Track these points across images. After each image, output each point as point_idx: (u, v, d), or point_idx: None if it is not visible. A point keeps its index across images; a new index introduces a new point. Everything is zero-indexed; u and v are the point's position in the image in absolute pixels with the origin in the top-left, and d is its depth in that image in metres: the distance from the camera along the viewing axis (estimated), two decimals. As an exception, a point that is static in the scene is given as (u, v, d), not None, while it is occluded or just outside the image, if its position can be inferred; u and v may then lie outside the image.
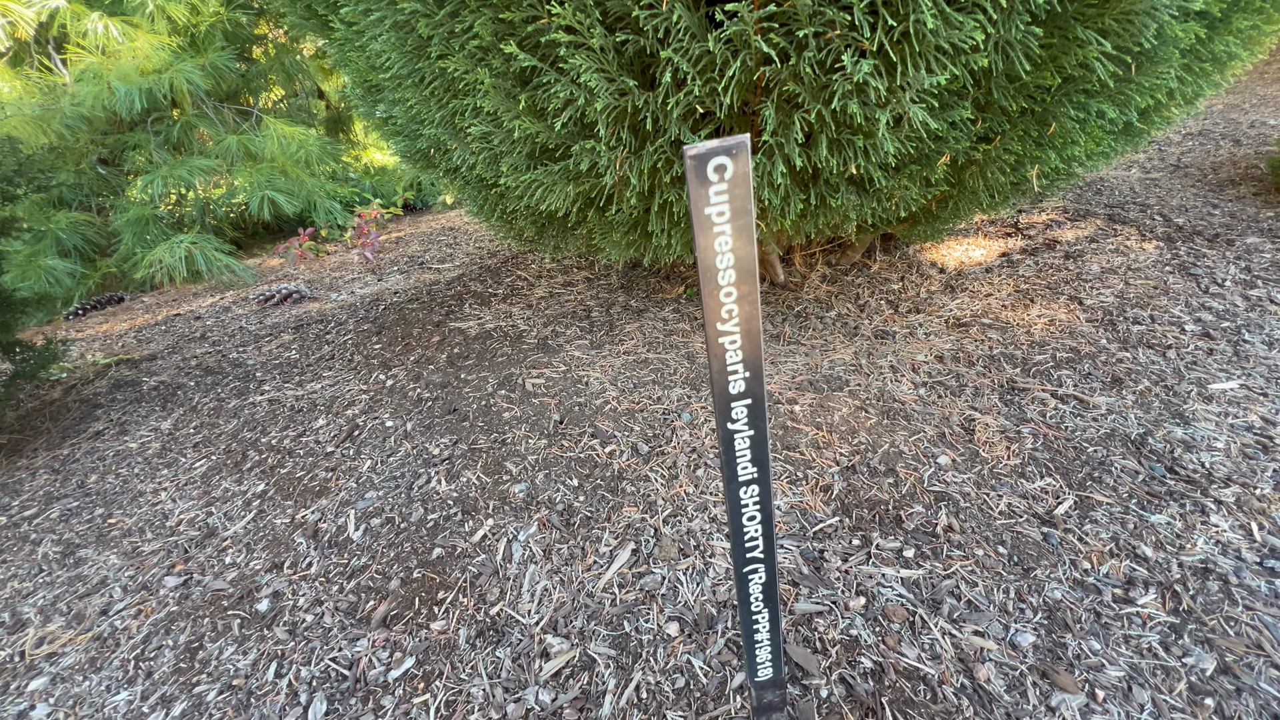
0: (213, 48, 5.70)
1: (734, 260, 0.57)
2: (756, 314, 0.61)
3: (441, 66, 1.39)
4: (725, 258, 0.57)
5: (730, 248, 0.57)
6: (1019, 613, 1.21)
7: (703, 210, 0.55)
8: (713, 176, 0.53)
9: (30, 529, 2.01)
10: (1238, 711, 1.04)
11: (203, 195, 5.51)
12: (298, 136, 5.56)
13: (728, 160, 0.53)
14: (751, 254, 0.57)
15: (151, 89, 5.11)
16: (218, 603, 1.53)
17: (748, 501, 0.73)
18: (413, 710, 1.20)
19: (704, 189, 0.54)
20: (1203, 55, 1.40)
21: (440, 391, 2.16)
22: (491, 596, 1.39)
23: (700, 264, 0.58)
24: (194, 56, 5.54)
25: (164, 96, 5.21)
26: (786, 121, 1.24)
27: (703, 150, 0.52)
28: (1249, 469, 1.50)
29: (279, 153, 5.50)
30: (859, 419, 1.73)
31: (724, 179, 0.53)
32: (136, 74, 5.17)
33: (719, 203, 0.54)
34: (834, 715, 1.06)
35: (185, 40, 5.73)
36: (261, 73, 6.73)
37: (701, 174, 0.53)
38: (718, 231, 0.56)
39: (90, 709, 1.34)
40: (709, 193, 0.54)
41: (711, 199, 0.54)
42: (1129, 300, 2.30)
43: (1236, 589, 1.23)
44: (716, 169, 0.53)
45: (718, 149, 0.52)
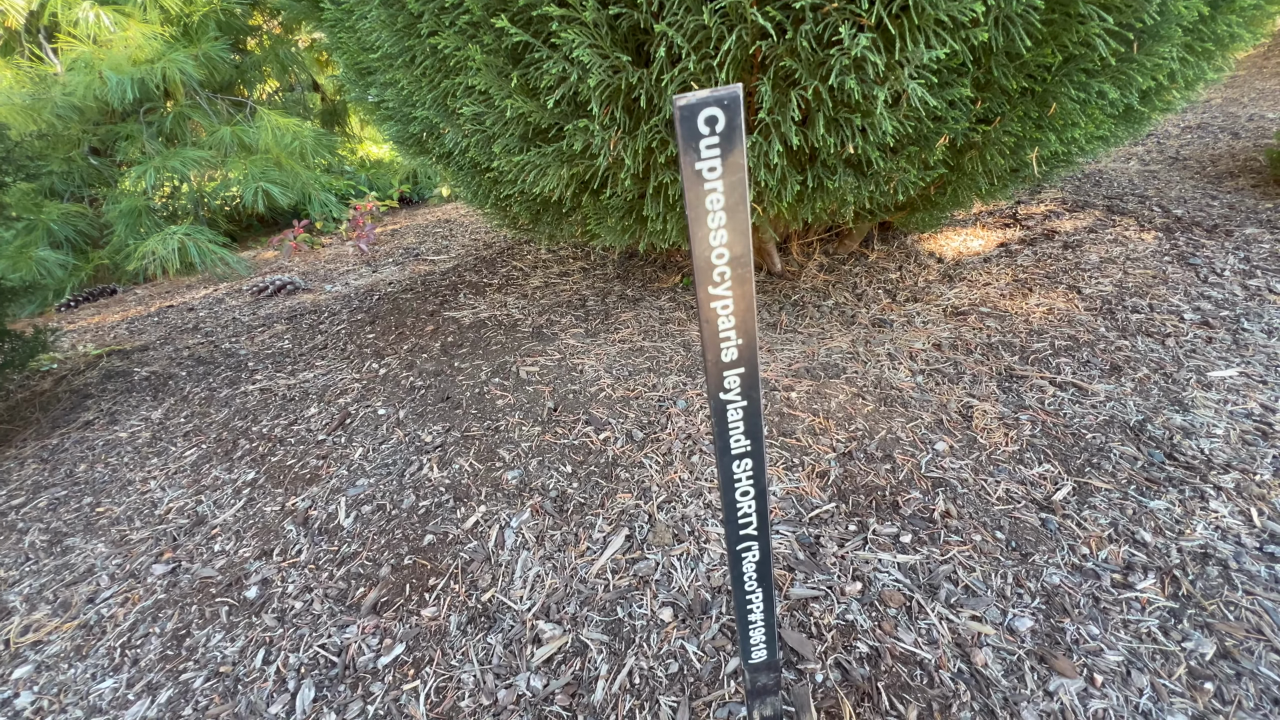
0: (206, 38, 5.64)
1: (726, 220, 0.55)
2: (749, 278, 0.59)
3: (432, 44, 1.37)
4: (717, 217, 0.55)
5: (722, 206, 0.54)
6: (1017, 598, 1.19)
7: (693, 166, 0.52)
8: (704, 129, 0.51)
9: (17, 518, 1.99)
10: (1237, 695, 1.02)
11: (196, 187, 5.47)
12: (292, 128, 5.51)
13: (719, 112, 0.50)
14: (745, 214, 0.55)
15: (144, 79, 5.06)
16: (206, 590, 1.51)
17: (741, 476, 0.71)
18: (402, 697, 1.18)
19: (695, 143, 0.51)
20: (1205, 35, 1.38)
21: (433, 380, 2.14)
22: (483, 583, 1.37)
23: (690, 225, 0.56)
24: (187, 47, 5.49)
25: (156, 87, 5.16)
26: (783, 99, 1.21)
27: (693, 100, 0.50)
28: (1248, 455, 1.49)
29: (273, 144, 5.45)
30: (856, 406, 1.72)
31: (715, 131, 0.51)
32: (129, 64, 5.12)
33: (710, 158, 0.52)
34: (829, 700, 1.04)
35: (178, 30, 5.68)
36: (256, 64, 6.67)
37: (691, 127, 0.51)
38: (709, 189, 0.54)
39: (75, 696, 1.32)
40: (700, 146, 0.52)
41: (702, 153, 0.52)
42: (1128, 289, 2.29)
43: (1236, 574, 1.21)
44: (707, 121, 0.51)
45: (709, 99, 0.50)
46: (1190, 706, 1.01)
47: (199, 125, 5.57)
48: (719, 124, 0.51)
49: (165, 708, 1.25)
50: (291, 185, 5.45)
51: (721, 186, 0.53)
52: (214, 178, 6.14)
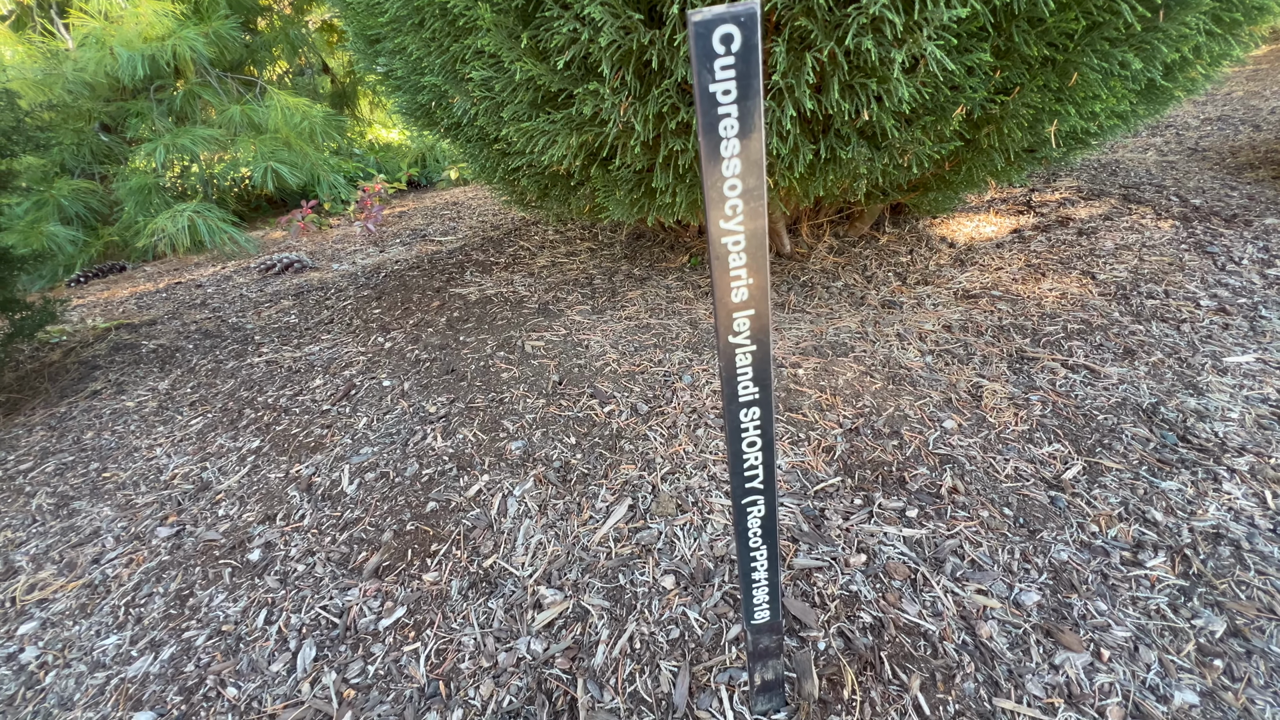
0: (217, 16, 5.63)
1: (740, 149, 0.54)
2: (762, 212, 0.57)
3: (442, 4, 1.35)
4: (730, 145, 0.53)
5: (736, 133, 0.53)
6: (1024, 573, 1.18)
7: (707, 88, 0.51)
8: (719, 48, 0.49)
9: (25, 482, 2.00)
10: (1247, 673, 1.01)
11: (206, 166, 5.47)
12: (302, 108, 5.50)
13: (735, 30, 0.49)
14: (760, 142, 0.53)
15: (154, 56, 5.06)
16: (209, 553, 1.52)
17: (748, 425, 0.70)
18: (403, 658, 1.18)
19: (709, 63, 0.50)
20: (1234, 4, 1.35)
21: (438, 353, 2.13)
22: (485, 549, 1.37)
23: (702, 154, 0.54)
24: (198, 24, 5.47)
25: (167, 64, 5.16)
26: (798, 62, 1.19)
27: (709, 16, 0.48)
28: (1264, 439, 1.46)
29: (283, 124, 5.44)
30: (863, 383, 1.70)
31: (731, 51, 0.49)
32: (139, 40, 5.11)
33: (724, 79, 0.50)
34: (831, 667, 1.04)
35: (189, 8, 5.66)
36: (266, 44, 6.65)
37: (706, 45, 0.49)
38: (723, 113, 0.52)
39: (79, 652, 1.33)
40: (715, 66, 0.50)
41: (717, 74, 0.50)
42: (1143, 276, 2.25)
43: (1249, 554, 1.19)
44: (723, 39, 0.49)
45: (725, 15, 0.48)
46: (1198, 683, 1.00)
47: (208, 104, 5.57)
48: (735, 43, 0.49)
49: (168, 664, 1.25)
50: (300, 166, 5.44)
51: (735, 111, 0.52)
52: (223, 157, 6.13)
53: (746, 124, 0.52)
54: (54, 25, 5.24)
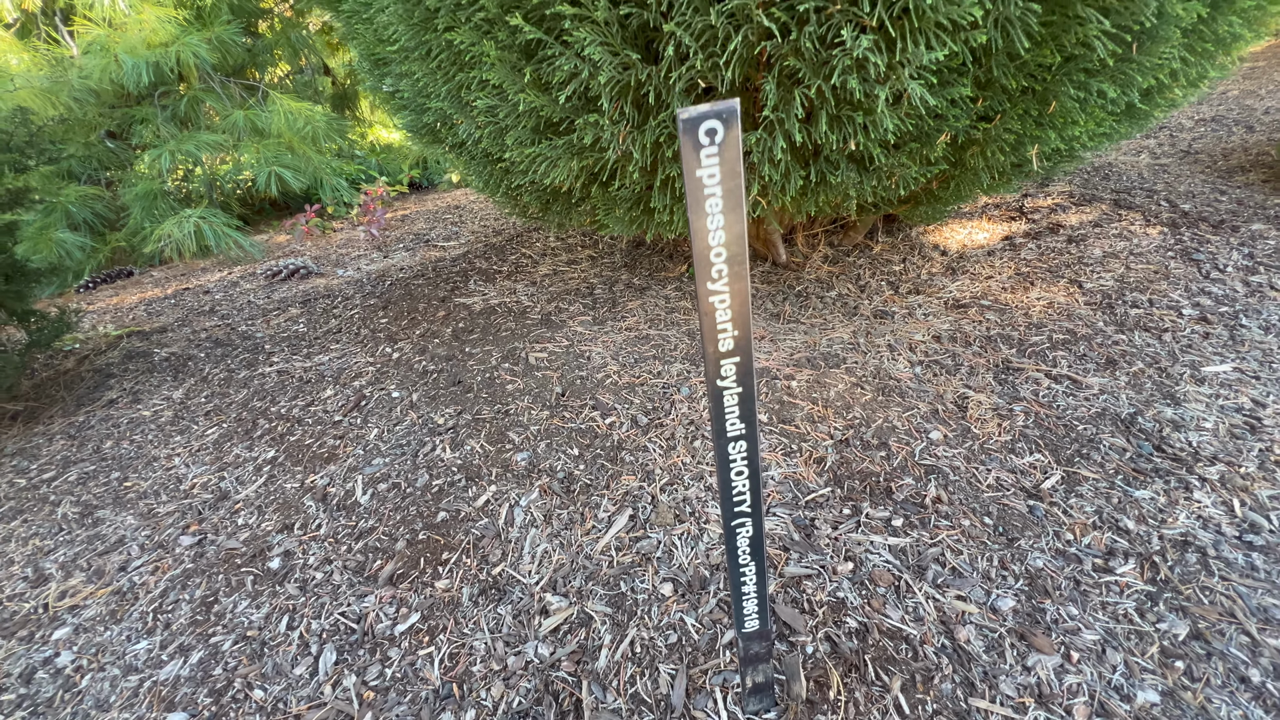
0: (219, 21, 5.68)
1: (724, 222, 0.60)
2: (745, 275, 0.64)
3: (448, 39, 1.41)
4: (715, 219, 0.60)
5: (720, 210, 0.60)
6: (1001, 579, 1.25)
7: (694, 173, 0.58)
8: (704, 140, 0.56)
9: (49, 490, 2.08)
10: (1206, 674, 1.08)
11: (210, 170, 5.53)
12: (304, 112, 5.56)
13: (719, 125, 0.55)
14: (741, 217, 0.60)
15: (158, 63, 5.11)
16: (231, 561, 1.59)
17: (736, 457, 0.77)
18: (418, 661, 1.26)
19: (696, 152, 0.57)
20: (1205, 35, 1.40)
21: (445, 364, 2.21)
22: (494, 558, 1.44)
23: (692, 226, 0.61)
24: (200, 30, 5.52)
25: (171, 70, 5.21)
26: (787, 97, 1.25)
27: (694, 114, 0.55)
28: (1235, 448, 1.53)
29: (286, 129, 5.50)
30: (854, 395, 1.77)
31: (715, 143, 0.56)
32: (143, 47, 5.16)
33: (710, 165, 0.57)
34: (818, 670, 1.11)
35: (191, 14, 5.71)
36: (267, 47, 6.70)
37: (694, 138, 0.56)
38: (709, 193, 0.59)
39: (112, 656, 1.41)
40: (701, 155, 0.57)
41: (703, 162, 0.57)
42: (1129, 284, 2.31)
43: (1214, 561, 1.26)
44: (708, 133, 0.56)
45: (709, 113, 0.55)
46: (1160, 683, 1.07)
47: (212, 109, 5.62)
48: (718, 135, 0.56)
49: (197, 667, 1.33)
50: (304, 170, 5.51)
51: (720, 192, 0.59)
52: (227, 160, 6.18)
53: (730, 202, 0.59)
54: (59, 33, 5.29)
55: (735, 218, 0.60)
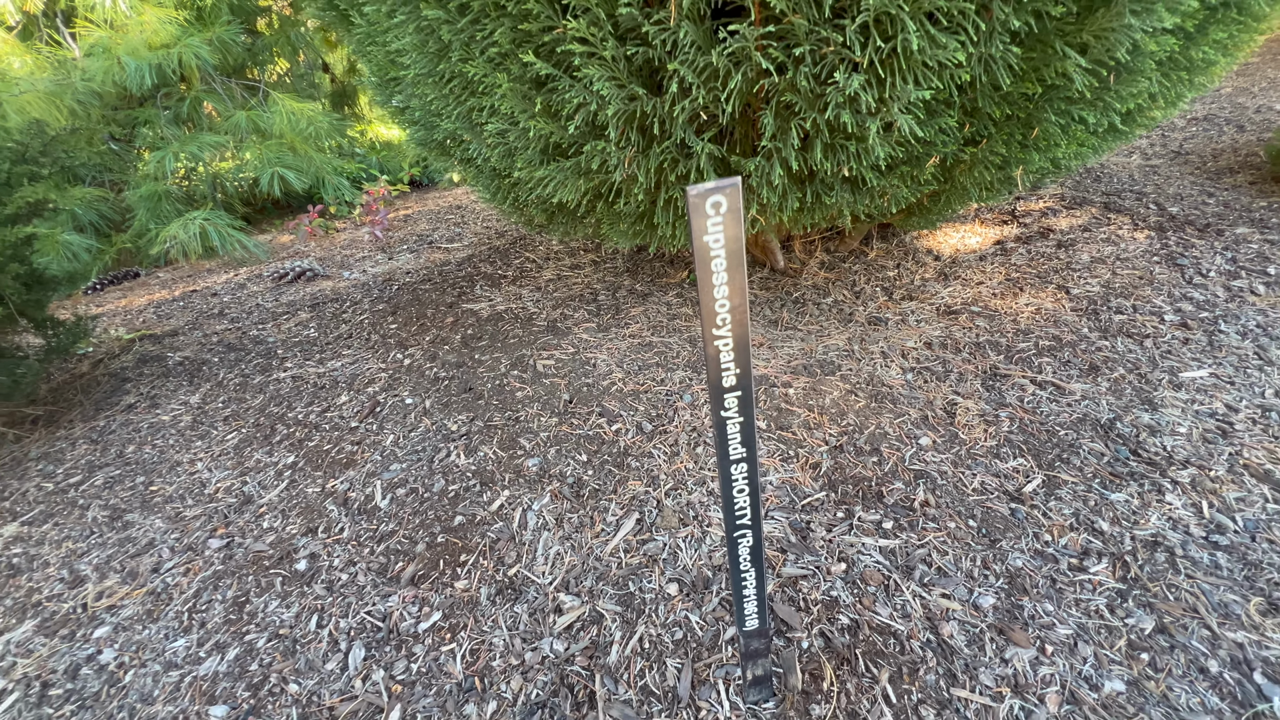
0: (219, 22, 5.71)
1: (727, 279, 0.69)
2: (745, 322, 0.72)
3: (462, 70, 1.48)
4: (719, 276, 0.69)
5: (724, 268, 0.68)
6: (983, 578, 1.35)
7: (702, 237, 0.66)
8: (710, 211, 0.64)
9: (77, 494, 2.17)
10: (1169, 665, 1.18)
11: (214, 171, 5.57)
12: (306, 113, 5.60)
13: (722, 198, 0.64)
14: (742, 275, 0.69)
15: (161, 65, 5.14)
16: (259, 563, 1.69)
17: (737, 477, 0.86)
18: (441, 657, 1.36)
19: (703, 220, 0.65)
20: (1180, 64, 1.48)
21: (456, 371, 2.29)
22: (509, 559, 1.54)
23: (699, 279, 0.69)
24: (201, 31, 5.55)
25: (173, 72, 5.25)
26: (784, 127, 1.33)
27: (702, 190, 0.63)
28: (1207, 452, 1.62)
29: (287, 129, 5.54)
30: (848, 402, 1.86)
31: (719, 213, 0.64)
32: (145, 49, 5.20)
33: (715, 231, 0.66)
34: (813, 663, 1.21)
35: (192, 14, 5.73)
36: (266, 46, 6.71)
37: (701, 208, 0.64)
38: (714, 254, 0.67)
39: (152, 653, 1.50)
40: (707, 224, 0.65)
41: (709, 229, 0.65)
42: (1114, 290, 2.40)
43: (1181, 560, 1.36)
44: (713, 205, 0.64)
45: (714, 189, 0.63)
46: (1126, 674, 1.17)
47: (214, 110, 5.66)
48: (722, 207, 0.64)
49: (234, 663, 1.43)
50: (306, 170, 5.57)
51: (724, 253, 0.67)
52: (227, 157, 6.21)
53: (733, 261, 0.68)
54: (60, 34, 5.32)
55: (737, 274, 0.69)
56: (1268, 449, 1.62)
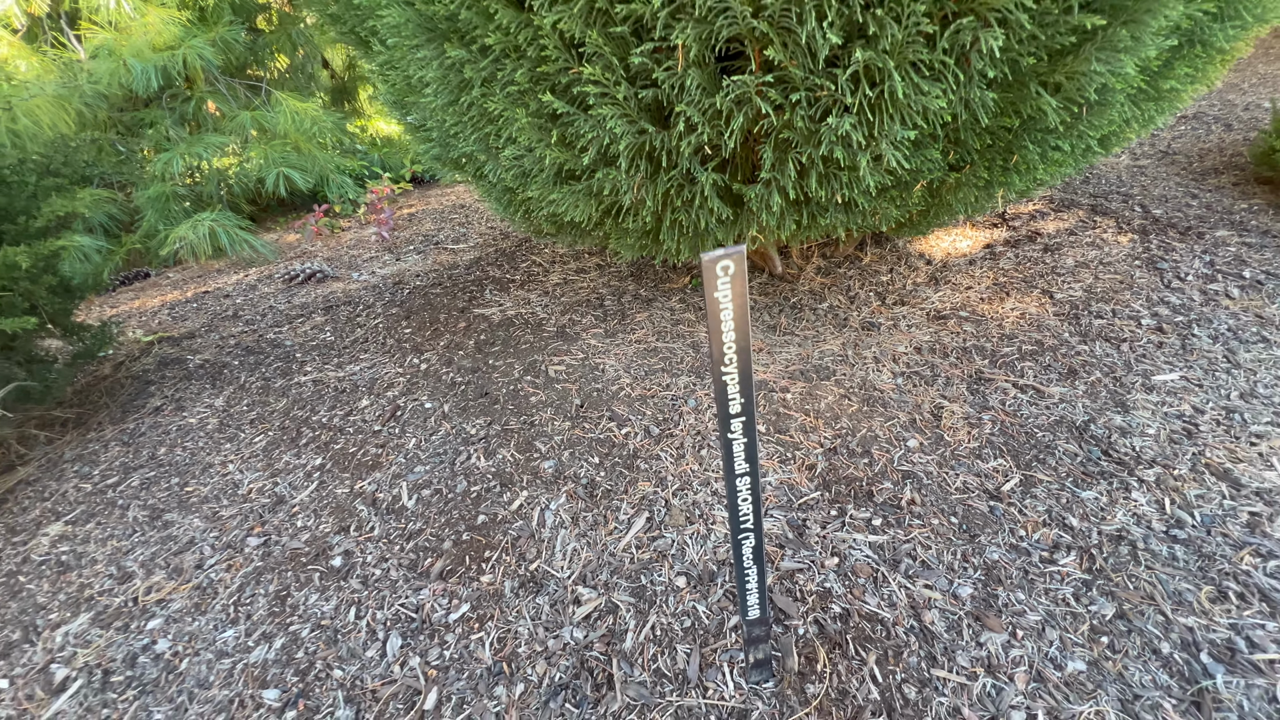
0: (222, 21, 5.76)
1: (734, 327, 0.81)
2: (749, 362, 0.85)
3: (482, 104, 1.59)
4: (727, 324, 0.81)
5: (731, 318, 0.80)
6: (962, 570, 1.49)
7: (713, 294, 0.78)
8: (720, 274, 0.77)
9: (116, 495, 2.30)
10: (1125, 647, 1.32)
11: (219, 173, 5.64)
12: (310, 113, 5.67)
13: (731, 263, 0.76)
14: (746, 324, 0.81)
15: (166, 66, 5.20)
16: (297, 559, 1.82)
17: (742, 489, 0.99)
18: (471, 644, 1.50)
19: (714, 280, 0.77)
20: (1150, 94, 1.59)
21: (471, 376, 2.41)
22: (530, 555, 1.67)
23: (710, 329, 0.82)
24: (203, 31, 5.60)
25: (178, 73, 5.31)
26: (782, 160, 1.44)
27: (713, 256, 0.75)
28: (1172, 452, 1.76)
29: (292, 129, 5.62)
30: (842, 406, 1.99)
31: (728, 275, 0.77)
32: (150, 50, 5.26)
33: (724, 289, 0.78)
34: (808, 647, 1.35)
35: (194, 14, 5.78)
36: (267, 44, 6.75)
37: (713, 270, 0.76)
38: (723, 307, 0.79)
39: (203, 643, 1.64)
40: (717, 283, 0.77)
41: (719, 287, 0.78)
42: (1095, 294, 2.52)
43: (1142, 552, 1.50)
44: (723, 268, 0.76)
45: (723, 256, 0.75)
46: (1088, 655, 1.31)
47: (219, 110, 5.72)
48: (730, 270, 0.77)
49: (281, 651, 1.57)
50: (310, 169, 5.66)
51: (731, 308, 0.79)
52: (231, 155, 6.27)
53: (739, 313, 0.80)
54: (65, 37, 5.36)
55: (742, 324, 0.81)
56: (1228, 449, 1.76)
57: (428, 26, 1.49)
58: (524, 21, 1.34)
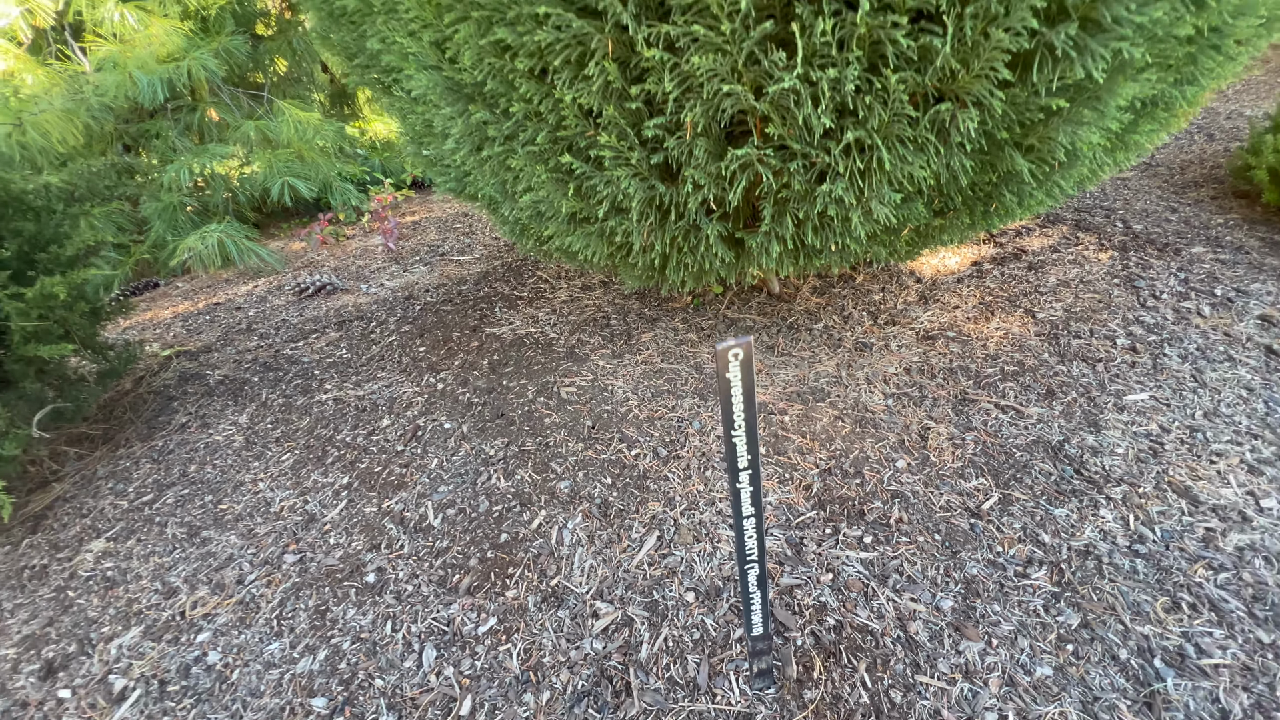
0: (224, 31, 5.83)
1: (742, 401, 0.96)
2: (755, 425, 0.99)
3: (503, 160, 1.72)
4: (738, 399, 0.95)
5: (740, 394, 0.95)
6: (944, 584, 1.65)
7: (725, 374, 0.93)
8: (731, 359, 0.91)
9: (153, 512, 2.43)
10: (1088, 653, 1.48)
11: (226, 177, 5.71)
12: (313, 122, 5.77)
13: (740, 349, 0.90)
14: (754, 401, 0.95)
15: (171, 79, 5.28)
16: (333, 575, 1.97)
17: (748, 527, 1.13)
18: (499, 655, 1.65)
19: (726, 364, 0.91)
20: (1119, 147, 1.73)
21: (487, 397, 2.55)
22: (550, 572, 1.82)
23: (722, 403, 0.96)
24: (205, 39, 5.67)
25: (183, 85, 5.39)
26: (780, 214, 1.58)
27: (726, 345, 0.89)
28: (1139, 471, 1.92)
29: (295, 138, 5.71)
30: (836, 428, 2.14)
31: (737, 360, 0.91)
32: (154, 61, 5.33)
33: (735, 371, 0.92)
34: (806, 657, 1.51)
35: (197, 24, 5.84)
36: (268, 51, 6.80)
37: (725, 356, 0.91)
38: (734, 386, 0.94)
39: (251, 655, 1.79)
40: (729, 366, 0.92)
41: (730, 369, 0.92)
42: (1075, 314, 2.67)
43: (1107, 566, 1.66)
44: (734, 355, 0.90)
45: (734, 345, 0.89)
46: (1054, 660, 1.47)
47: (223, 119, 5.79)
48: (739, 355, 0.91)
49: (325, 662, 1.72)
50: (314, 178, 5.77)
51: (740, 386, 0.94)
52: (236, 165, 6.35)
53: (747, 392, 0.94)
54: (70, 49, 5.42)
55: (750, 400, 0.95)
56: (1190, 467, 1.92)
57: (453, 89, 1.61)
58: (545, 92, 1.46)
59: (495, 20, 1.30)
